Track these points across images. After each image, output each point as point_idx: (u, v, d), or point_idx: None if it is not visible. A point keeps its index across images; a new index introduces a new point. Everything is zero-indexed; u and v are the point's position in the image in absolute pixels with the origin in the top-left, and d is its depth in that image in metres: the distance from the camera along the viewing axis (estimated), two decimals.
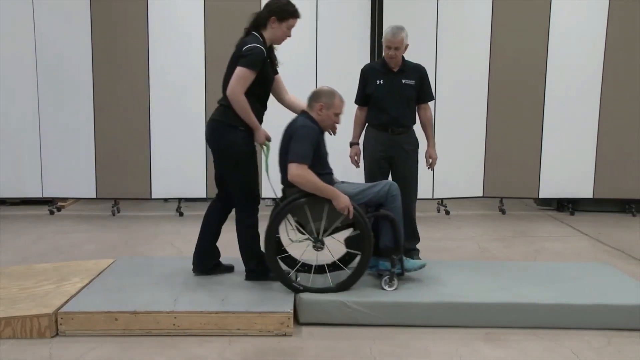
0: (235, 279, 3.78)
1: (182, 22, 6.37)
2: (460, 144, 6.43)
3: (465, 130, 6.48)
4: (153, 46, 6.37)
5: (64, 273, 3.89)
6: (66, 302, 3.35)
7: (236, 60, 3.54)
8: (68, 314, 3.22)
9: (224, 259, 4.02)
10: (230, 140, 3.57)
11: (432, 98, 4.40)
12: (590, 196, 6.66)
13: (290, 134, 3.51)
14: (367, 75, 4.31)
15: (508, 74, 6.50)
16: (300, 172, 3.37)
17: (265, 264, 3.61)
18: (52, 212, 6.62)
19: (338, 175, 3.79)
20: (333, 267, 3.81)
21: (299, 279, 3.62)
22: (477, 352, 3.07)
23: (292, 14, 3.63)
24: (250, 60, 3.47)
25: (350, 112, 4.16)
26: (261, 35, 3.61)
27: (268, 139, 3.68)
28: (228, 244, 3.95)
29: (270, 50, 3.70)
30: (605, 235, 5.69)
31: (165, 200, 7.17)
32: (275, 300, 3.39)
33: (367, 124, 4.38)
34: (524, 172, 6.64)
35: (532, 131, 6.58)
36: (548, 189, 6.66)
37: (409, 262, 3.69)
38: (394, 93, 4.19)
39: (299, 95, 6.53)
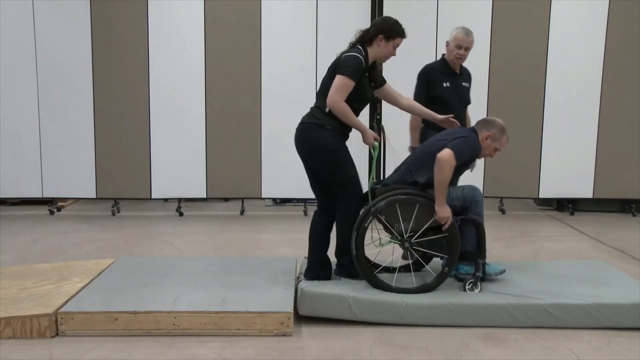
0: (235, 279, 3.78)
1: (182, 22, 6.38)
2: None
3: None
4: (153, 46, 6.37)
5: (64, 273, 3.89)
6: (66, 302, 3.35)
7: (334, 69, 3.56)
8: (68, 314, 3.22)
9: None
10: (319, 139, 3.56)
11: (470, 102, 4.41)
12: (590, 196, 6.67)
13: (455, 136, 3.52)
14: (431, 77, 4.23)
15: (508, 74, 6.51)
16: (450, 161, 3.37)
17: None
18: (52, 212, 6.63)
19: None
20: (404, 268, 3.79)
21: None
22: (477, 352, 3.07)
23: (400, 33, 3.63)
24: (349, 69, 3.48)
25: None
26: (365, 50, 3.61)
27: (377, 139, 3.64)
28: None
29: (373, 67, 3.69)
30: (605, 235, 5.69)
31: (165, 200, 7.18)
32: (275, 300, 3.39)
33: (422, 126, 4.30)
34: (524, 172, 6.64)
35: (532, 131, 6.59)
36: (548, 189, 6.66)
37: (489, 267, 3.73)
38: (458, 95, 4.18)
39: (300, 95, 6.58)
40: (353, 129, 3.63)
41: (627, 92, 6.49)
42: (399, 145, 6.31)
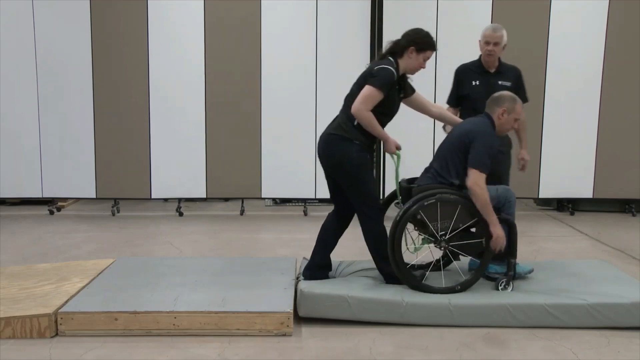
0: (235, 279, 3.78)
1: (182, 23, 6.37)
2: None
3: None
4: (153, 47, 6.37)
5: (64, 273, 3.89)
6: (66, 302, 3.36)
7: (365, 79, 3.55)
8: (68, 314, 3.22)
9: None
10: (344, 153, 3.56)
11: (526, 100, 4.35)
12: (590, 196, 6.66)
13: (471, 136, 3.54)
14: (461, 76, 4.30)
15: None
16: (481, 184, 3.44)
17: None
18: (52, 212, 6.63)
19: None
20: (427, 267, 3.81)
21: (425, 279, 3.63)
22: (477, 352, 3.08)
23: (432, 46, 3.63)
24: (380, 81, 3.47)
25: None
26: (396, 62, 3.60)
27: (398, 147, 3.66)
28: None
29: (402, 79, 3.68)
30: (605, 235, 5.69)
31: (165, 200, 7.17)
32: (275, 300, 3.39)
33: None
34: (524, 172, 6.63)
35: (531, 131, 6.55)
36: (548, 189, 6.66)
37: (519, 266, 3.77)
38: (490, 94, 4.18)
39: (300, 95, 6.58)
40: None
41: (627, 92, 6.49)
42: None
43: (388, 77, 3.49)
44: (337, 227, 3.80)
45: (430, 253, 3.87)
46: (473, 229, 3.62)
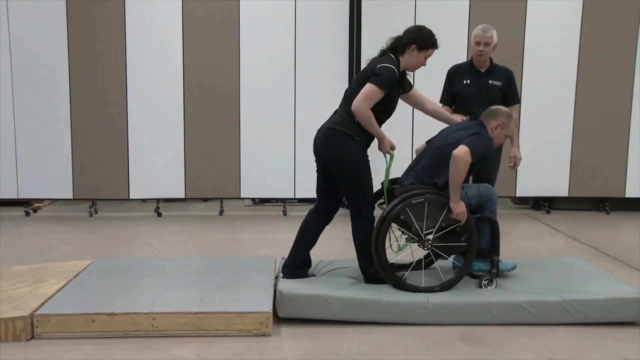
0: (214, 280, 3.77)
1: (159, 22, 6.33)
2: None
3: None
4: (130, 46, 6.32)
5: (41, 275, 3.85)
6: (42, 304, 3.32)
7: (366, 76, 3.55)
8: (44, 317, 3.18)
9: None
10: (345, 149, 3.55)
11: (518, 101, 4.42)
12: (566, 195, 6.76)
13: (469, 132, 3.57)
14: (453, 76, 4.37)
15: None
16: (465, 158, 3.42)
17: None
18: (27, 214, 6.54)
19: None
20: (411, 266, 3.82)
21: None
22: (455, 350, 3.10)
23: (433, 44, 3.64)
24: (381, 80, 3.48)
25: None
26: (397, 59, 3.61)
27: (392, 147, 3.67)
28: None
29: (402, 75, 3.69)
30: (580, 233, 5.78)
31: (144, 200, 7.12)
32: (254, 301, 3.39)
33: None
34: (501, 171, 6.66)
35: None
36: (524, 188, 6.74)
37: (501, 264, 3.80)
38: (480, 93, 4.22)
39: (279, 95, 6.57)
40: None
41: (601, 91, 6.59)
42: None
43: (390, 76, 3.51)
44: (319, 225, 3.80)
45: (411, 253, 3.89)
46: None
